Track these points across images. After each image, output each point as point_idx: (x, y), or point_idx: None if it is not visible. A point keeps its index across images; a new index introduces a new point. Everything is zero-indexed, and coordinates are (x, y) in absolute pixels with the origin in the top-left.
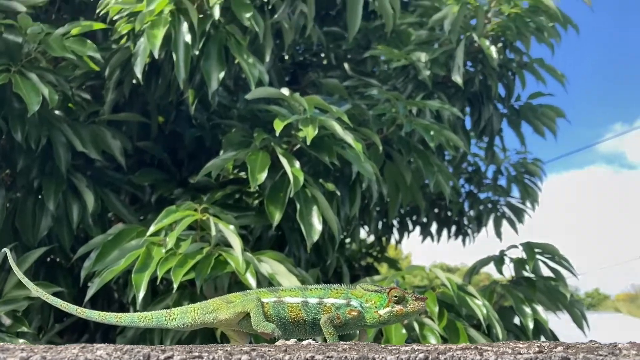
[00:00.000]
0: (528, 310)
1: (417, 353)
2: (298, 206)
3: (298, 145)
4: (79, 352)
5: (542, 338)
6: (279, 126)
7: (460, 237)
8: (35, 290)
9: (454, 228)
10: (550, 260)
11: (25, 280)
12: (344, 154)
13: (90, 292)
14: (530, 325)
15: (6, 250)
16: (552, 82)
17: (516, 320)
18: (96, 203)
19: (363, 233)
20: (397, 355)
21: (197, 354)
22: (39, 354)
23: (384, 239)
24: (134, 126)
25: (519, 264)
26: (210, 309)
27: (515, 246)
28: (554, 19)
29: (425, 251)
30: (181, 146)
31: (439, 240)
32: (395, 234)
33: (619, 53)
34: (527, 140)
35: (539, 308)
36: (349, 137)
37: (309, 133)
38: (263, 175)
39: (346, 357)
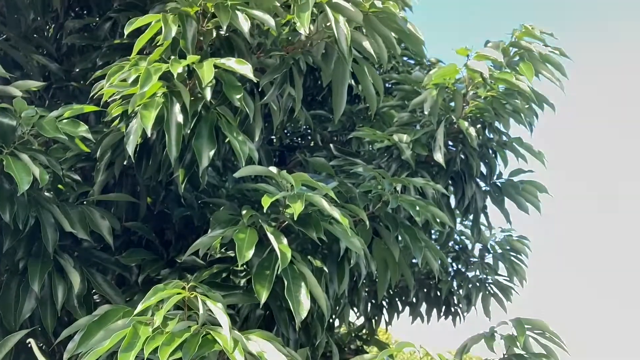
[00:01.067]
0: None
1: None
2: (286, 283)
3: (286, 222)
4: None
5: None
6: (266, 202)
7: (450, 317)
8: None
9: (443, 308)
10: (541, 336)
11: None
12: (331, 230)
13: None
14: None
15: (31, 340)
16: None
17: None
18: (82, 284)
19: (352, 315)
20: None
21: None
22: None
23: (373, 320)
24: (123, 206)
25: (509, 340)
26: None
27: (505, 322)
28: (530, 101)
29: (412, 335)
30: (169, 226)
31: (429, 320)
32: (385, 315)
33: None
34: (513, 215)
35: None
36: (336, 213)
37: (296, 208)
38: (250, 252)
39: None
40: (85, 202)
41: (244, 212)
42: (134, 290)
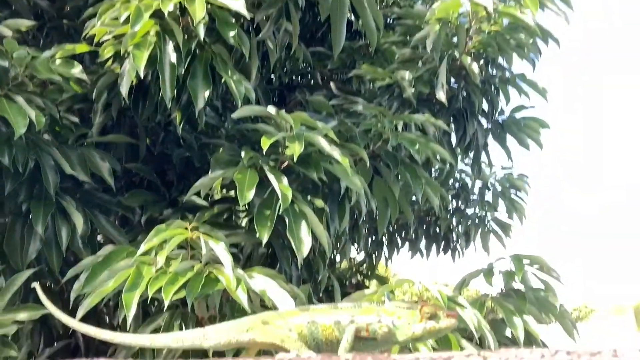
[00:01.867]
0: (519, 321)
1: (422, 358)
2: (287, 222)
3: (286, 163)
4: None
5: (534, 348)
6: (265, 144)
7: (449, 253)
8: (66, 321)
9: (443, 244)
10: (539, 271)
11: (54, 310)
12: (331, 170)
13: (79, 314)
14: (521, 336)
15: (36, 284)
16: (535, 94)
17: (507, 332)
18: (85, 225)
19: (353, 251)
20: (403, 357)
21: None
22: None
23: (373, 256)
24: (122, 148)
25: (508, 276)
26: (245, 328)
27: (503, 258)
28: (534, 35)
29: (412, 270)
30: (170, 167)
31: (428, 256)
32: (385, 251)
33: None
34: (513, 153)
35: (530, 319)
36: (336, 153)
37: (296, 150)
38: (251, 193)
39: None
40: (84, 144)
41: (243, 153)
42: (137, 230)
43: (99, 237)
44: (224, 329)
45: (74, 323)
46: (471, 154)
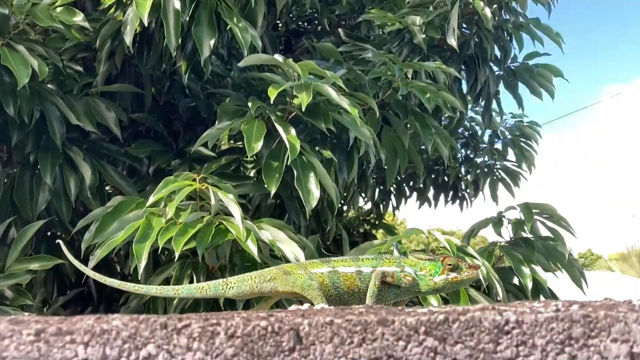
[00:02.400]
0: (527, 270)
1: (436, 315)
2: (295, 173)
3: (293, 113)
4: (94, 322)
5: (542, 297)
6: (273, 93)
7: (457, 202)
8: (92, 275)
9: (451, 193)
10: (548, 220)
11: (74, 261)
12: (340, 120)
13: (91, 264)
14: (529, 285)
15: (60, 241)
16: (549, 41)
17: (515, 281)
18: (93, 176)
19: (360, 200)
20: (416, 318)
21: (214, 321)
22: (55, 325)
23: (381, 205)
24: (127, 97)
25: (517, 225)
26: (267, 278)
27: (513, 207)
28: None
29: (420, 217)
30: (176, 117)
31: (436, 205)
32: (393, 201)
33: (616, 9)
34: (524, 101)
35: (538, 268)
36: (344, 102)
37: (304, 99)
38: (259, 144)
39: (365, 320)
40: (89, 94)
41: (250, 103)
42: (145, 181)
43: (108, 188)
44: (247, 279)
45: (105, 280)
46: (482, 102)
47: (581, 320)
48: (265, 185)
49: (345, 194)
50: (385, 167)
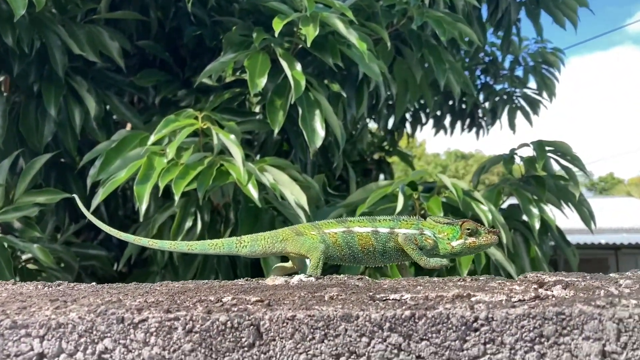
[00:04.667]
0: (535, 210)
1: (403, 309)
2: (300, 111)
3: (300, 45)
4: (51, 314)
5: (549, 235)
6: (278, 25)
7: (474, 130)
8: (109, 230)
9: (468, 120)
10: (562, 158)
11: (94, 220)
12: (349, 54)
13: (94, 203)
14: (537, 225)
15: (75, 196)
16: None
17: (524, 217)
18: (99, 106)
19: (374, 125)
20: (381, 313)
21: (172, 315)
22: (10, 318)
23: (395, 133)
24: (132, 25)
25: (529, 163)
26: (280, 239)
27: (526, 144)
28: None
29: (439, 138)
30: (182, 44)
31: (452, 132)
32: (408, 127)
33: None
34: (549, 25)
35: (547, 208)
36: (352, 36)
37: (309, 33)
38: (263, 80)
39: (328, 315)
40: (93, 21)
41: (255, 34)
42: (151, 111)
43: (116, 117)
44: (260, 238)
45: (121, 235)
46: (502, 30)
47: (554, 317)
48: (270, 123)
49: (353, 131)
50: (395, 100)
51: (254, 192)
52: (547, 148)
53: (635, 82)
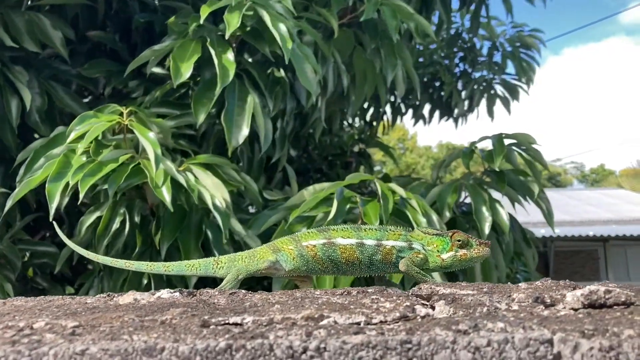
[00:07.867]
0: (487, 213)
1: (225, 338)
2: (226, 104)
3: (239, 34)
4: None
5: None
6: (205, 12)
7: (452, 119)
8: (87, 254)
9: (443, 109)
10: (525, 152)
11: (72, 244)
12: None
13: (8, 204)
14: (486, 230)
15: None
16: None
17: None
18: (42, 98)
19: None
20: (195, 344)
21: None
22: None
23: (374, 123)
24: (78, 10)
25: (489, 157)
26: (257, 258)
27: (487, 137)
28: None
29: (433, 130)
30: (132, 30)
31: (430, 121)
32: (389, 117)
33: None
34: (538, 13)
35: (503, 211)
36: (281, 29)
37: (231, 23)
38: (188, 71)
39: (127, 349)
40: (34, 8)
41: (189, 21)
42: (101, 103)
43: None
44: (237, 258)
45: (97, 257)
46: (470, 13)
47: (397, 347)
48: (193, 114)
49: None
50: (350, 92)
51: (166, 196)
52: (510, 141)
53: (628, 73)
